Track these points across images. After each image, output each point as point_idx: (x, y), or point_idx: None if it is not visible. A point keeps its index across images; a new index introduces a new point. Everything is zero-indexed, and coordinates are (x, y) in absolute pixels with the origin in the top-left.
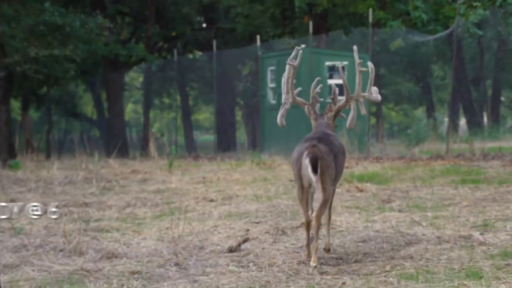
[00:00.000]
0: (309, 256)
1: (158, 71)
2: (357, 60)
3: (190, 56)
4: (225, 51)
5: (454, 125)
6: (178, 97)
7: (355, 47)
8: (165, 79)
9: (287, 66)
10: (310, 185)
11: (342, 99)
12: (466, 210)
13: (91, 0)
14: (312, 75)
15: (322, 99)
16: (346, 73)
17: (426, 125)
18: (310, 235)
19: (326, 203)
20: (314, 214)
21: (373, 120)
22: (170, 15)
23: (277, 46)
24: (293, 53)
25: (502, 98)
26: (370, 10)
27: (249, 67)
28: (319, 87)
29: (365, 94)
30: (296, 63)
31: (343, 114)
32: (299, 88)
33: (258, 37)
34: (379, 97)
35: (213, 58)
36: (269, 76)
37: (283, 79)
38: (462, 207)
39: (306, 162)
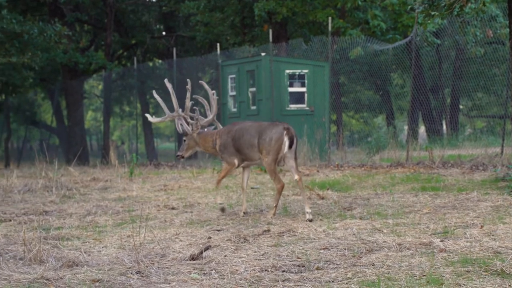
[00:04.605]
0: (274, 214)
1: (118, 79)
2: (210, 90)
3: (150, 64)
4: (185, 59)
5: (413, 133)
6: (139, 105)
7: (202, 82)
8: (125, 87)
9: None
10: (281, 158)
11: (302, 106)
12: (427, 217)
13: (50, 8)
14: (272, 83)
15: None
16: (306, 80)
17: (386, 133)
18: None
19: (298, 167)
20: (297, 177)
21: (333, 128)
22: (129, 23)
23: (237, 54)
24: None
25: (461, 106)
26: (330, 19)
27: (209, 75)
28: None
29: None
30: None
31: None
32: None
33: (218, 45)
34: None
35: (173, 66)
36: (229, 84)
37: (161, 104)
38: (422, 214)
39: (285, 139)
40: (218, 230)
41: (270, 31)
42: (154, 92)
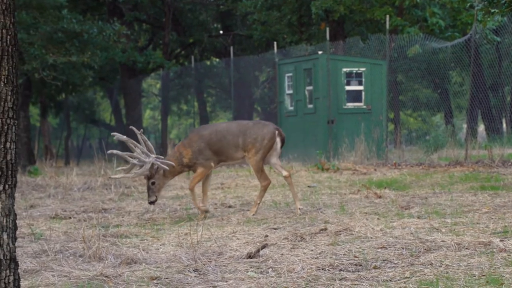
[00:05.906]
0: (255, 213)
1: (175, 78)
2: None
3: (208, 62)
4: (243, 58)
5: (472, 131)
6: (196, 104)
7: (114, 134)
8: (182, 86)
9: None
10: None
11: (360, 104)
12: (486, 216)
13: (109, 7)
14: (329, 81)
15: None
16: (364, 79)
17: (445, 132)
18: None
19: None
20: (286, 173)
21: (391, 127)
22: (187, 22)
23: (294, 52)
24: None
25: None
26: (387, 17)
27: (266, 74)
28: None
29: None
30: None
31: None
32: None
33: (275, 43)
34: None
35: (230, 65)
36: (286, 82)
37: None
38: (481, 213)
39: (278, 140)
40: (275, 229)
41: (327, 30)
42: (115, 147)
